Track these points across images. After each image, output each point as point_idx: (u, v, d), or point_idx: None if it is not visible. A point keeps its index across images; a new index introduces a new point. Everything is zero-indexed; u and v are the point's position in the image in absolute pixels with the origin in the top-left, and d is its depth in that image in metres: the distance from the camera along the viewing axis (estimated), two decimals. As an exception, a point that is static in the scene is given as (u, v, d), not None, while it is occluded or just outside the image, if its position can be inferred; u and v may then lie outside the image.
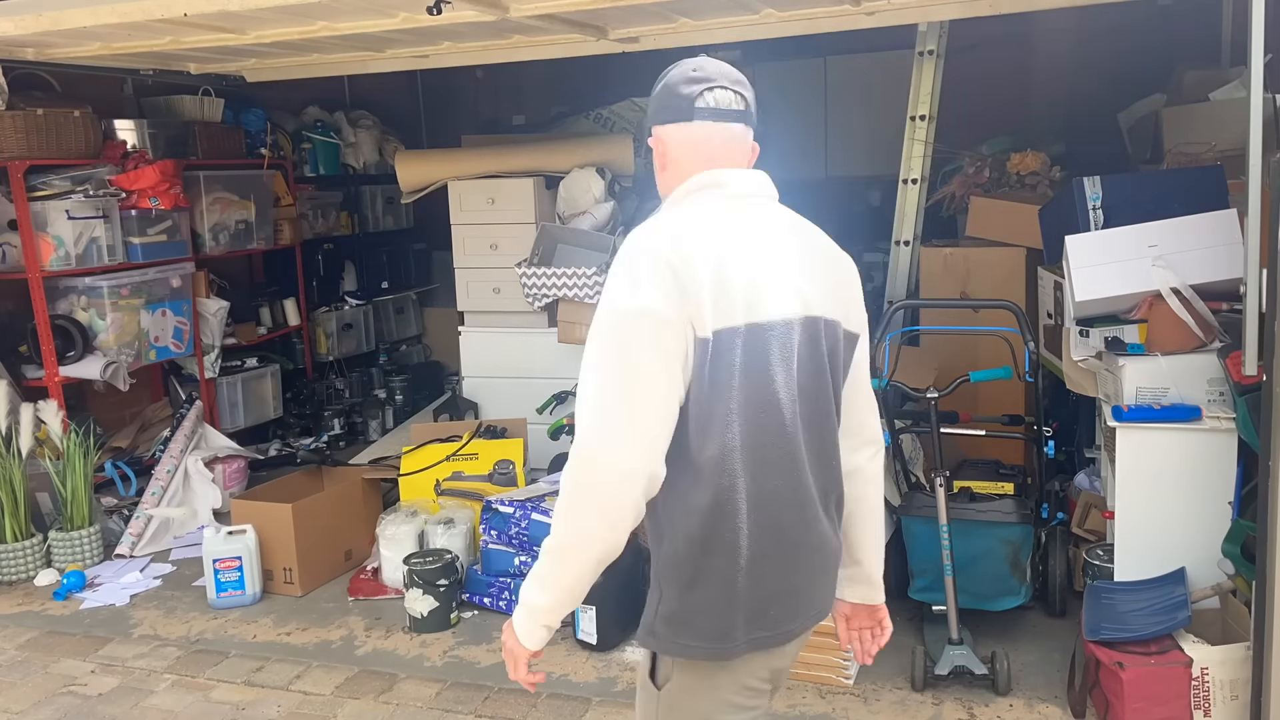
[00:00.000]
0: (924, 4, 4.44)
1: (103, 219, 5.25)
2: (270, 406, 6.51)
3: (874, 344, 3.78)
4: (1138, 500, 3.40)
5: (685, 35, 4.90)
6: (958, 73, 5.46)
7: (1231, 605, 3.22)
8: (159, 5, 3.95)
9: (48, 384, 5.11)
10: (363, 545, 4.69)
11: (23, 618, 4.34)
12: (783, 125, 7.76)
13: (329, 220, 7.19)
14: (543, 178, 5.53)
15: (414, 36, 4.78)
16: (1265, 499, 2.73)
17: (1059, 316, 4.19)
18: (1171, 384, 3.36)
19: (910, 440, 4.29)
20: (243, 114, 6.40)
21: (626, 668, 3.65)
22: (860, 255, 7.37)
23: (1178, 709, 2.98)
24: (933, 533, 3.48)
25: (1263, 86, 2.82)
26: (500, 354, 5.70)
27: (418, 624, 4.01)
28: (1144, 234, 3.52)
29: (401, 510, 4.52)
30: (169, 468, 5.29)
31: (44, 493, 4.94)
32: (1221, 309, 3.41)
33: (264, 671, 3.78)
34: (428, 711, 3.45)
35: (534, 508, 4.07)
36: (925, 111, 5.16)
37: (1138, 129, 5.52)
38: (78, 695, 3.68)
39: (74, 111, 5.14)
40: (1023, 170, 5.21)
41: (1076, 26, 6.65)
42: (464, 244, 5.62)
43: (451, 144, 6.36)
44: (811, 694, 3.41)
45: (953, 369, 4.58)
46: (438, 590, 3.98)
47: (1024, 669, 3.48)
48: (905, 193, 5.26)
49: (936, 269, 4.99)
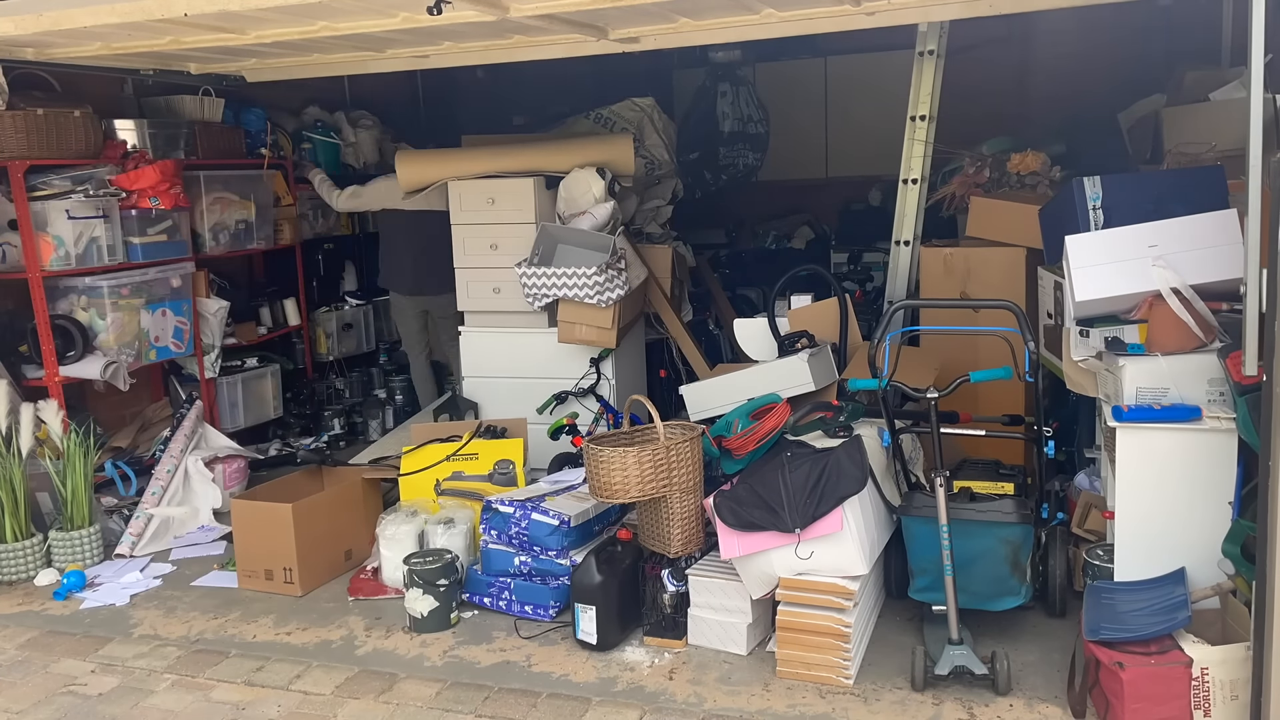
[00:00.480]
0: (924, 4, 4.45)
1: (103, 219, 5.25)
2: (270, 406, 6.51)
3: (874, 344, 3.79)
4: (1138, 500, 3.40)
5: (686, 35, 4.90)
6: (958, 73, 5.47)
7: (1231, 605, 3.22)
8: (159, 5, 3.96)
9: (48, 384, 5.11)
10: (363, 545, 4.69)
11: (23, 617, 4.34)
12: (783, 125, 7.79)
13: (329, 220, 7.18)
14: (543, 178, 5.53)
15: (414, 36, 4.79)
16: (1265, 499, 2.73)
17: (1059, 316, 4.19)
18: (1171, 384, 3.37)
19: (910, 440, 4.29)
20: (243, 114, 6.41)
21: (626, 667, 3.65)
22: (860, 255, 7.39)
23: (1178, 709, 2.98)
24: (933, 533, 3.48)
25: (1263, 86, 2.82)
26: (500, 354, 5.71)
27: (418, 624, 4.01)
28: (1144, 234, 3.52)
29: (401, 510, 4.52)
30: (169, 467, 5.29)
31: (44, 492, 4.94)
32: (1221, 309, 3.41)
33: (264, 671, 3.78)
34: (428, 711, 3.45)
35: (534, 508, 4.07)
36: (925, 111, 5.17)
37: (1138, 129, 5.52)
38: (78, 695, 3.68)
39: (74, 111, 5.14)
40: (1023, 170, 5.21)
41: (1076, 26, 6.67)
42: (464, 244, 5.63)
43: (452, 144, 6.37)
44: (811, 694, 3.41)
45: (953, 369, 4.58)
46: (438, 590, 3.98)
47: (1024, 669, 3.48)
48: (905, 193, 5.27)
49: (936, 269, 5.00)
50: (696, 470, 3.83)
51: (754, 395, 4.35)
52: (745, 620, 3.68)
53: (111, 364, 5.24)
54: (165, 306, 5.60)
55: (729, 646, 3.70)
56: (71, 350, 5.17)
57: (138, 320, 5.43)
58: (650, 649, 3.77)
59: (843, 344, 4.93)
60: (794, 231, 8.20)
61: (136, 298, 5.42)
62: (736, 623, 3.69)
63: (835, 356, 4.84)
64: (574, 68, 5.78)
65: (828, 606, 3.44)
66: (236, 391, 6.22)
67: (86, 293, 5.26)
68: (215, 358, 6.00)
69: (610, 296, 5.16)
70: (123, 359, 5.32)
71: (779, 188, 8.11)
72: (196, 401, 5.73)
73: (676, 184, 6.61)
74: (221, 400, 6.10)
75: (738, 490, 3.64)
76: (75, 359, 5.18)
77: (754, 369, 4.72)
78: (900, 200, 5.29)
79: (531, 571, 4.10)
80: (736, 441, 3.92)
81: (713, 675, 3.56)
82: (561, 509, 4.07)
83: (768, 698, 3.40)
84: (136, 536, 4.97)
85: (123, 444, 5.65)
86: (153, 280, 5.52)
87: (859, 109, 7.61)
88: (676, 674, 3.59)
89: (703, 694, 3.44)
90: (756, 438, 3.89)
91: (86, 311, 5.27)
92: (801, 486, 3.49)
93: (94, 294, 5.26)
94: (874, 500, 3.73)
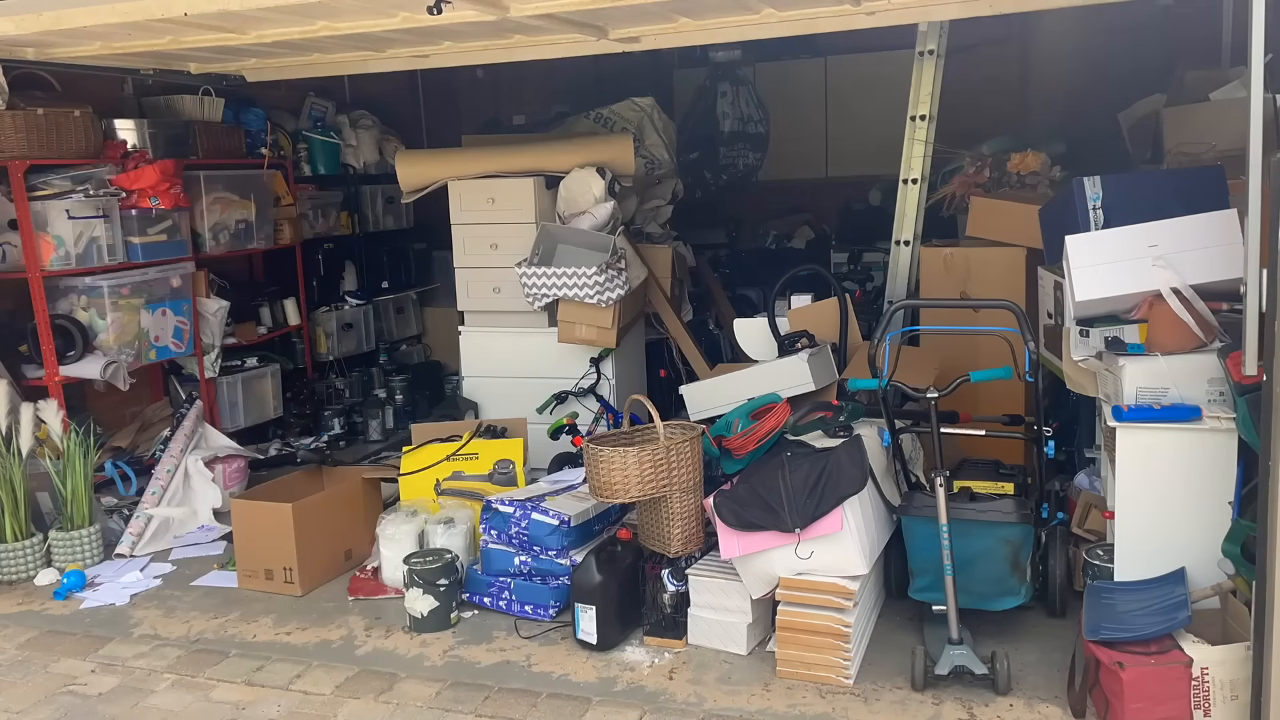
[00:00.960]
0: (924, 4, 4.45)
1: (103, 218, 5.25)
2: (270, 406, 6.51)
3: (874, 344, 3.79)
4: (1138, 500, 3.40)
5: (686, 35, 4.90)
6: (958, 73, 5.47)
7: (1231, 605, 3.22)
8: (159, 5, 3.96)
9: (48, 383, 5.11)
10: (363, 545, 4.69)
11: (23, 617, 4.34)
12: (783, 125, 7.79)
13: (329, 220, 7.19)
14: (543, 178, 5.53)
15: (414, 36, 4.78)
16: (1265, 499, 2.73)
17: (1059, 316, 4.19)
18: (1172, 384, 3.37)
19: (910, 440, 4.29)
20: (243, 114, 6.41)
21: (626, 667, 3.65)
22: (860, 255, 7.38)
23: (1178, 709, 2.98)
24: (933, 533, 3.48)
25: (1263, 86, 2.82)
26: (500, 354, 5.71)
27: (418, 624, 4.01)
28: (1144, 234, 3.52)
29: (401, 510, 4.52)
30: (169, 467, 5.29)
31: (44, 492, 4.94)
32: (1221, 309, 3.42)
33: (264, 671, 3.78)
34: (428, 711, 3.45)
35: (534, 507, 4.07)
36: (925, 111, 5.17)
37: (1138, 129, 5.52)
38: (78, 695, 3.68)
39: (74, 111, 5.14)
40: (1023, 170, 5.21)
41: (1077, 26, 6.66)
42: (464, 244, 5.63)
43: (452, 144, 6.37)
44: (811, 694, 3.41)
45: (953, 369, 4.58)
46: (438, 590, 3.98)
47: (1024, 669, 3.48)
48: (905, 192, 5.27)
49: (936, 269, 5.00)
50: (696, 470, 3.83)
51: (754, 395, 4.35)
52: (745, 620, 3.68)
53: (111, 364, 5.23)
54: (165, 306, 5.60)
55: (729, 646, 3.70)
56: (71, 350, 5.17)
57: (138, 320, 5.43)
58: (650, 649, 3.77)
59: (843, 344, 4.94)
60: (794, 231, 8.19)
61: (136, 297, 5.42)
62: (736, 622, 3.69)
63: (835, 356, 4.84)
64: (574, 67, 5.78)
65: (828, 606, 3.44)
66: (236, 391, 6.22)
67: (86, 292, 5.26)
68: (215, 357, 6.00)
69: (610, 296, 5.16)
70: (123, 359, 5.32)
71: (779, 188, 8.11)
72: (196, 401, 5.73)
73: (676, 184, 6.61)
74: (221, 400, 6.10)
75: (738, 490, 3.64)
76: (75, 359, 5.18)
77: (754, 369, 4.72)
78: (900, 200, 5.29)
79: (531, 571, 4.10)
80: (736, 441, 3.92)
81: (713, 675, 3.56)
82: (561, 509, 4.07)
83: (768, 697, 3.40)
84: (136, 536, 4.97)
85: (123, 444, 5.65)
86: (153, 280, 5.52)
87: (859, 109, 7.61)
88: (676, 674, 3.59)
89: (703, 694, 3.44)
90: (756, 438, 3.89)
91: (86, 311, 5.27)
92: (801, 486, 3.49)
93: (94, 294, 5.26)
94: (874, 500, 3.73)
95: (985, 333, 4.09)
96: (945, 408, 3.85)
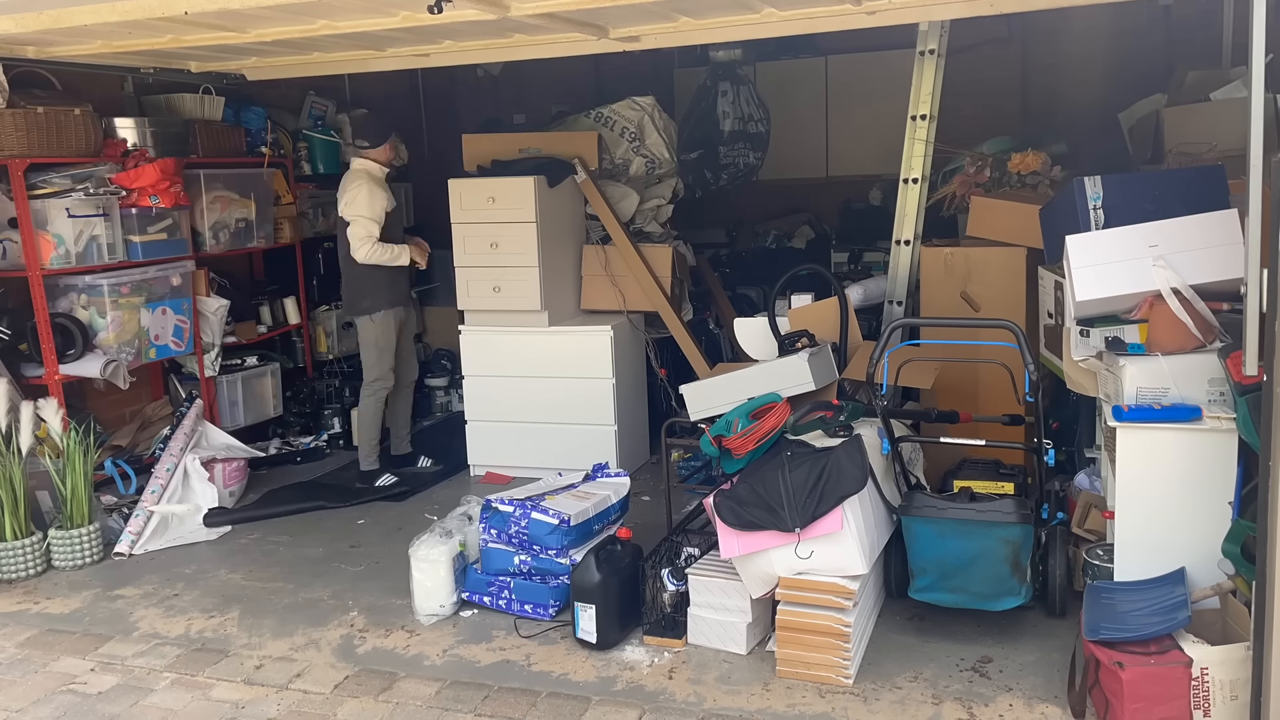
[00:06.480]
0: (924, 4, 4.45)
1: (103, 217, 5.25)
2: (270, 405, 6.51)
3: (874, 361, 3.79)
4: (1138, 500, 3.40)
5: (686, 34, 4.90)
6: (958, 72, 5.46)
7: (1231, 605, 3.22)
8: (160, 3, 3.96)
9: (48, 382, 5.11)
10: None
11: (22, 616, 4.34)
12: (783, 124, 7.78)
13: (329, 219, 7.15)
14: (543, 177, 5.54)
15: (415, 35, 4.79)
16: (1265, 499, 2.73)
17: (1059, 316, 4.19)
18: (1172, 384, 3.36)
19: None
20: (243, 112, 6.40)
21: (626, 667, 3.65)
22: (861, 255, 7.38)
23: (1178, 709, 2.98)
24: (933, 532, 3.48)
25: (1264, 86, 2.82)
26: (500, 353, 5.71)
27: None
28: (1144, 234, 3.52)
29: (435, 532, 4.22)
30: (169, 466, 5.29)
31: (44, 491, 4.94)
32: (1222, 309, 3.41)
33: (263, 670, 3.78)
34: (427, 710, 3.45)
35: (533, 506, 4.07)
36: (926, 111, 5.16)
37: (1138, 129, 5.52)
38: (77, 693, 3.68)
39: (74, 110, 5.14)
40: (1023, 170, 5.21)
41: (1077, 26, 6.66)
42: (464, 243, 5.63)
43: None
44: (811, 693, 3.41)
45: (952, 370, 4.59)
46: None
47: (1024, 669, 3.48)
48: (906, 192, 5.26)
49: (937, 269, 4.99)
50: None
51: (754, 394, 4.34)
52: (745, 620, 3.68)
53: (111, 362, 5.23)
54: (165, 305, 5.60)
55: (729, 646, 3.70)
56: (71, 348, 5.17)
57: (138, 318, 5.43)
58: (650, 648, 3.77)
59: (843, 343, 4.93)
60: (794, 231, 8.19)
61: (136, 296, 5.42)
62: (736, 622, 3.69)
63: (835, 356, 4.84)
64: (575, 67, 5.78)
65: (828, 606, 3.44)
66: (236, 390, 6.22)
67: (86, 291, 5.26)
68: (215, 356, 6.00)
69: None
70: (122, 357, 5.32)
71: (779, 187, 8.09)
72: (196, 400, 5.73)
73: (677, 183, 6.62)
74: (221, 399, 6.10)
75: (738, 490, 3.64)
76: (75, 357, 5.18)
77: (754, 368, 4.71)
78: (901, 200, 5.29)
79: (531, 570, 4.10)
80: (736, 441, 3.91)
81: (712, 674, 3.56)
82: (561, 508, 4.07)
83: (767, 697, 3.40)
84: (136, 535, 4.97)
85: (122, 442, 5.65)
86: (153, 278, 5.52)
87: (859, 108, 7.60)
88: (676, 673, 3.59)
89: (702, 693, 3.44)
90: (756, 437, 3.89)
91: (86, 310, 5.27)
92: (801, 486, 3.49)
93: (94, 292, 5.26)
94: (874, 500, 3.73)
95: (985, 362, 4.10)
96: (945, 407, 3.85)
